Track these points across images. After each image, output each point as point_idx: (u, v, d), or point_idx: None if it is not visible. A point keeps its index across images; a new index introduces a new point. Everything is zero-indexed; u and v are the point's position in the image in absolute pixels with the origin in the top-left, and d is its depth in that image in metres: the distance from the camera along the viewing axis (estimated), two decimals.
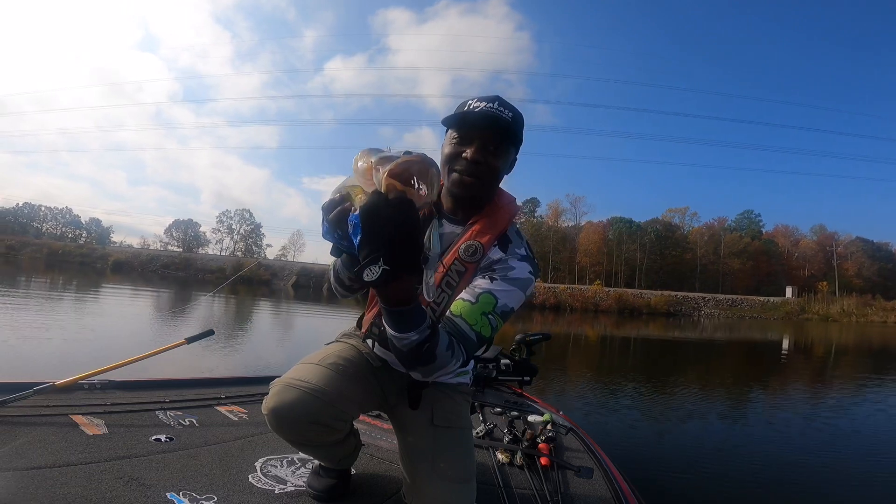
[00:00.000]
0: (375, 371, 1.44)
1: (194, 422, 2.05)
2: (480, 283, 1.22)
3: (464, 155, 1.24)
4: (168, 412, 2.10)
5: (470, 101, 1.27)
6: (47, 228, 68.30)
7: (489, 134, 1.24)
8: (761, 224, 66.36)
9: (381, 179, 0.92)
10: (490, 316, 1.19)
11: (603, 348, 15.17)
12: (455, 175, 1.26)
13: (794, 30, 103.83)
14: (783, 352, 17.01)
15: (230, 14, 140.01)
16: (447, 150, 1.28)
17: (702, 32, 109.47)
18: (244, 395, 2.42)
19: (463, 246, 1.26)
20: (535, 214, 65.33)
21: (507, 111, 1.24)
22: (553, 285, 45.15)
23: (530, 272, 1.28)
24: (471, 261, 1.25)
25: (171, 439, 1.83)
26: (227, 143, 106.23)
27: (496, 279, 1.23)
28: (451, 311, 1.20)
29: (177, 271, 44.39)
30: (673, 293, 45.24)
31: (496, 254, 1.27)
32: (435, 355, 1.10)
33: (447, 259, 1.27)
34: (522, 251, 1.30)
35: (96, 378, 2.17)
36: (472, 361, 1.58)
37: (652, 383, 8.35)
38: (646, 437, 4.81)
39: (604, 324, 25.96)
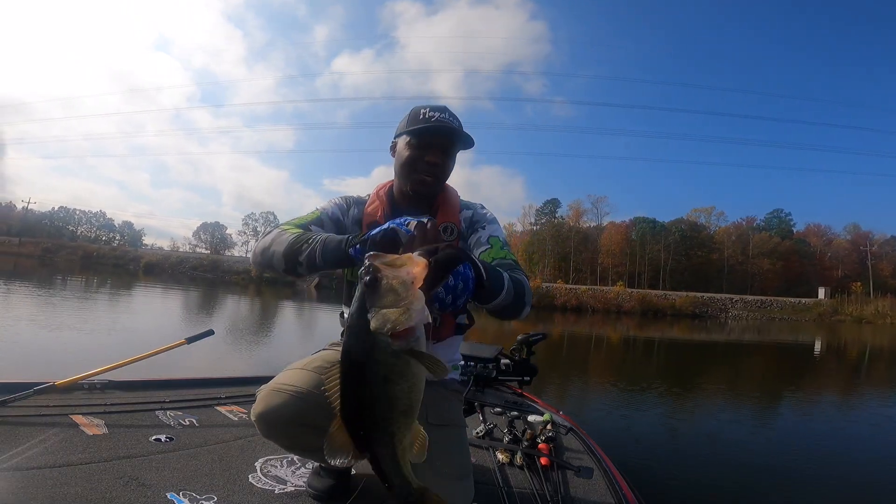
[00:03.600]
0: None
1: (194, 422, 2.07)
2: (480, 235, 1.47)
3: (427, 159, 1.39)
4: (168, 412, 2.11)
5: (423, 110, 1.42)
6: (82, 231, 70.68)
7: (444, 140, 1.41)
8: (792, 223, 64.50)
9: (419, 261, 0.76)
10: (506, 248, 1.45)
11: (617, 350, 15.04)
12: (417, 176, 1.41)
13: (822, 24, 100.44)
14: (815, 354, 16.52)
15: (241, 12, 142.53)
16: (407, 153, 1.42)
17: (726, 27, 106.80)
18: (244, 395, 2.43)
19: (440, 229, 1.42)
20: (556, 215, 64.84)
21: (455, 121, 1.43)
22: (574, 286, 44.70)
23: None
24: (451, 238, 1.46)
25: (171, 439, 1.84)
26: (245, 145, 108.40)
27: (485, 226, 1.49)
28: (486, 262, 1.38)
29: (205, 273, 45.47)
30: (699, 294, 44.28)
31: (466, 214, 1.52)
32: (522, 282, 1.25)
33: None
34: (477, 203, 1.57)
35: (96, 378, 2.20)
36: (461, 358, 1.68)
37: (658, 384, 8.28)
38: (646, 438, 4.79)
39: (626, 325, 25.63)
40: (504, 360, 2.77)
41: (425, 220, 0.93)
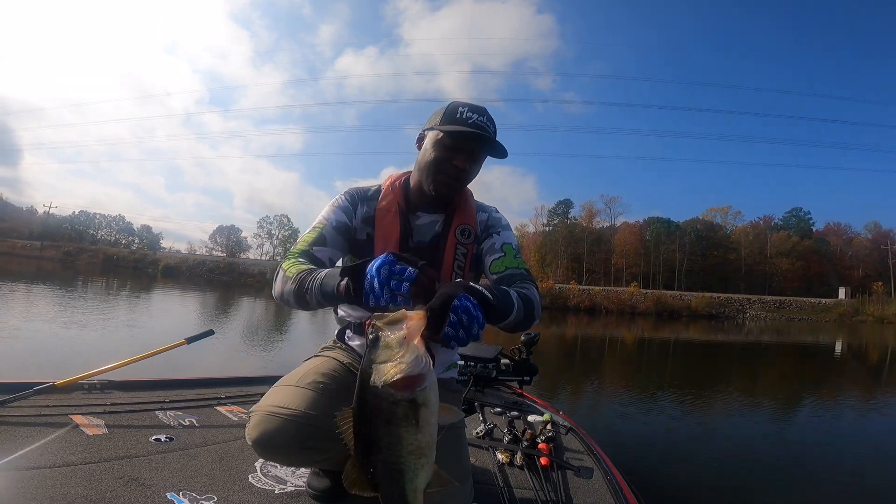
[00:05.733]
0: None
1: (194, 422, 2.06)
2: (494, 240, 1.46)
3: (454, 162, 1.35)
4: (168, 412, 2.11)
5: (461, 109, 1.36)
6: (102, 235, 72.06)
7: (476, 146, 1.37)
8: (811, 222, 63.48)
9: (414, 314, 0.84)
10: (518, 256, 1.44)
11: (625, 351, 14.97)
12: (442, 178, 1.38)
13: (841, 21, 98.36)
14: (835, 355, 16.18)
15: (247, 12, 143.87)
16: (436, 153, 1.37)
17: (740, 23, 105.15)
18: (244, 395, 2.43)
19: (458, 230, 1.45)
20: (569, 216, 64.45)
21: (492, 126, 1.37)
22: (587, 287, 44.42)
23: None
24: (468, 241, 1.46)
25: (171, 439, 1.84)
26: (254, 147, 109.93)
27: (499, 232, 1.49)
28: (497, 270, 1.40)
29: (221, 275, 46.19)
30: (715, 295, 43.83)
31: (482, 217, 1.51)
32: (531, 298, 1.25)
33: (448, 245, 1.44)
34: (492, 207, 1.57)
35: (96, 378, 2.21)
36: (458, 356, 1.60)
37: (663, 385, 8.27)
38: (646, 438, 4.77)
39: (640, 326, 25.38)
40: (504, 360, 2.76)
41: (418, 276, 0.94)
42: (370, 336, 0.80)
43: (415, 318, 0.80)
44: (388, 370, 0.76)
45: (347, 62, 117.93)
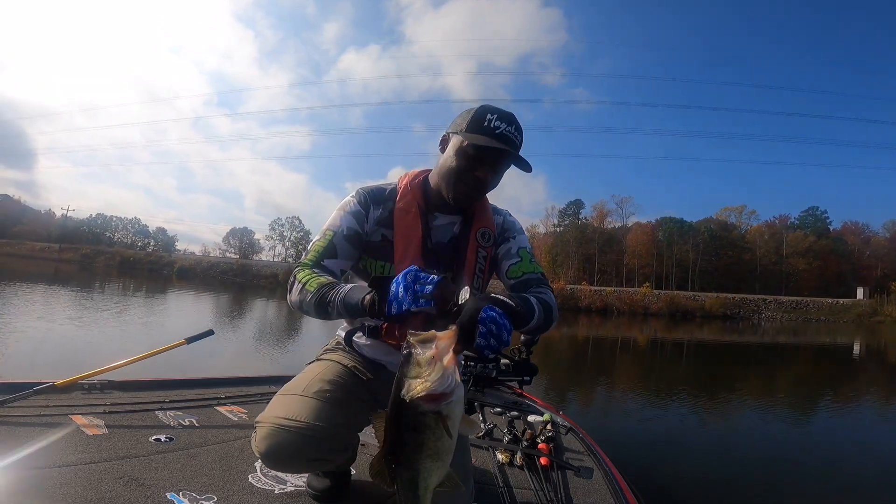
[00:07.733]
0: (366, 383, 1.42)
1: (194, 422, 2.07)
2: (511, 245, 1.49)
3: (476, 173, 1.34)
4: (168, 412, 2.12)
5: (489, 116, 1.32)
6: (119, 237, 73.17)
7: (500, 159, 1.35)
8: (828, 221, 62.38)
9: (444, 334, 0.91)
10: (534, 260, 1.48)
11: (631, 352, 14.88)
12: (462, 188, 1.37)
13: (856, 20, 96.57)
14: (854, 356, 15.90)
15: (251, 12, 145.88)
16: (458, 162, 1.35)
17: (755, 21, 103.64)
18: (244, 395, 2.44)
19: (479, 233, 1.46)
20: (580, 216, 64.05)
21: (519, 136, 1.35)
22: (599, 288, 44.12)
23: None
24: (488, 244, 1.47)
25: (171, 439, 1.85)
26: (262, 148, 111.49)
27: (515, 236, 1.51)
28: (514, 275, 1.44)
29: (235, 277, 46.67)
30: (730, 295, 43.35)
31: (497, 220, 1.53)
32: (549, 303, 1.30)
33: (470, 248, 1.44)
34: (504, 210, 1.58)
35: (96, 378, 2.23)
36: (462, 356, 1.62)
37: (665, 385, 8.21)
38: (646, 438, 4.75)
39: (652, 327, 25.14)
40: (504, 360, 2.74)
41: (442, 281, 1.02)
42: (404, 352, 0.87)
43: (444, 338, 0.87)
44: (416, 386, 0.83)
45: (351, 60, 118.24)
